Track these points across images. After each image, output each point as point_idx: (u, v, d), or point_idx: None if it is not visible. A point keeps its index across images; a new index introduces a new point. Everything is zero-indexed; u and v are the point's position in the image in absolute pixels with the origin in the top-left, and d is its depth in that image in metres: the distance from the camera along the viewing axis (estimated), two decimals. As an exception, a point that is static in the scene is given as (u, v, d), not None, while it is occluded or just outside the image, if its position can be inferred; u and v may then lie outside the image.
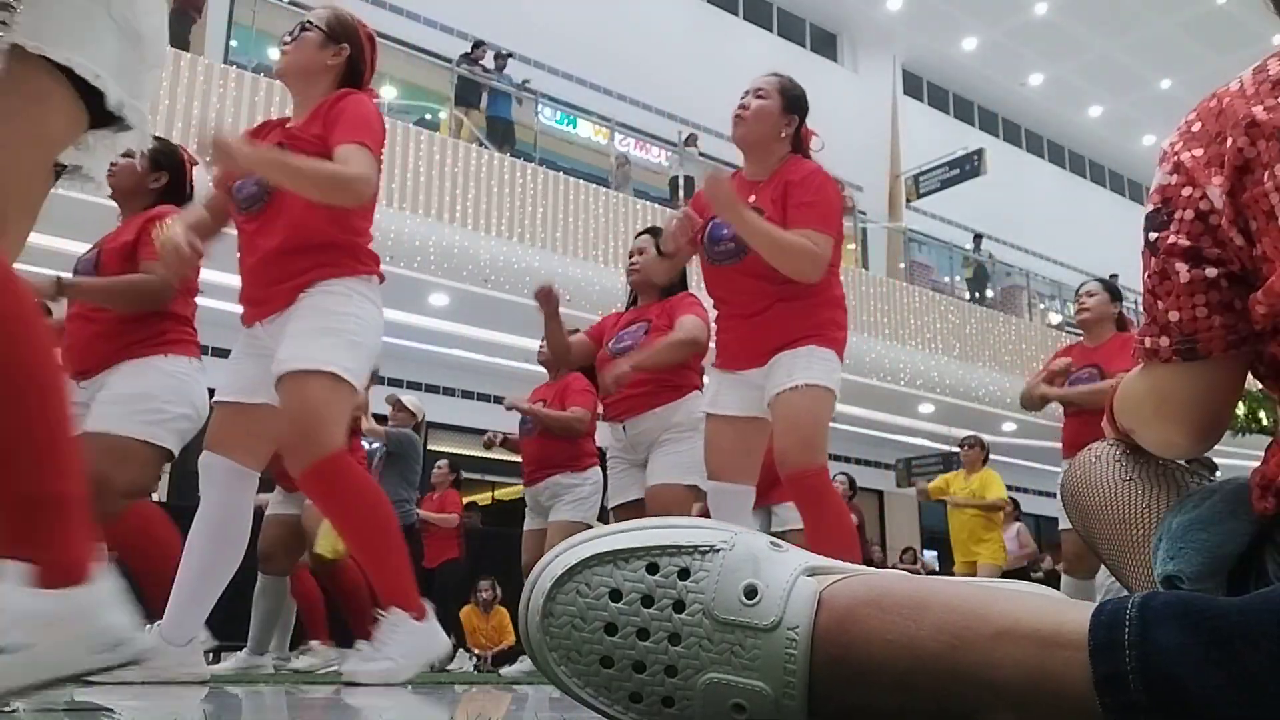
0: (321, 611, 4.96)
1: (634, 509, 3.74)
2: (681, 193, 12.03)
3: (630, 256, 3.94)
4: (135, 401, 2.78)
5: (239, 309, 2.65)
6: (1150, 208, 0.97)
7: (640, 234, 4.00)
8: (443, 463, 7.09)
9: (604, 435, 3.98)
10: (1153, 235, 0.95)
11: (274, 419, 2.49)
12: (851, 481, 7.93)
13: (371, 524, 2.41)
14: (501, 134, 10.96)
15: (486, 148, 10.26)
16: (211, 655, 3.65)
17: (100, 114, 1.25)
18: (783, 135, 2.98)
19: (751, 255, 2.84)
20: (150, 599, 2.57)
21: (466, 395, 10.68)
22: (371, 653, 2.36)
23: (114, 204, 3.20)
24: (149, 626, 2.37)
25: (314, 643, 4.94)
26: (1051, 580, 7.82)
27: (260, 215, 2.54)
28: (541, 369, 4.60)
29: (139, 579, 2.71)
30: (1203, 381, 0.96)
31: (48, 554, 1.10)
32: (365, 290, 2.51)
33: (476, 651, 7.69)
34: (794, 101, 3.01)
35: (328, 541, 4.19)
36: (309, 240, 2.47)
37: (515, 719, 1.32)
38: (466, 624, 7.78)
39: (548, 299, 3.77)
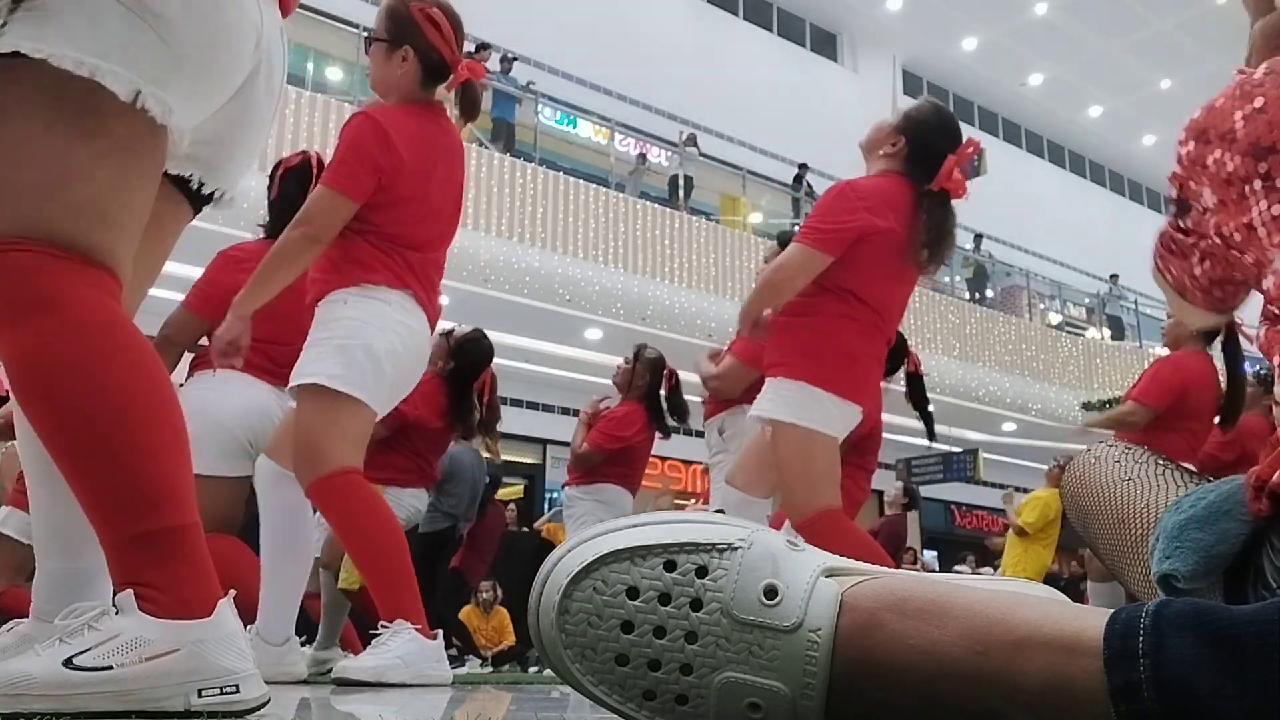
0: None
1: None
2: (682, 192, 12.03)
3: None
4: None
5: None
6: None
7: None
8: None
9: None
10: None
11: None
12: (906, 489, 8.01)
13: (377, 543, 2.36)
14: (503, 135, 10.96)
15: (487, 148, 10.26)
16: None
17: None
18: None
19: None
20: None
21: (467, 395, 10.68)
22: (365, 654, 2.35)
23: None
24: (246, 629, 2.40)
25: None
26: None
27: None
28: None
29: None
30: None
31: (158, 582, 1.04)
32: (369, 294, 2.36)
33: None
34: None
35: (349, 575, 4.13)
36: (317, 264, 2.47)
37: (515, 719, 1.32)
38: (467, 624, 7.77)
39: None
